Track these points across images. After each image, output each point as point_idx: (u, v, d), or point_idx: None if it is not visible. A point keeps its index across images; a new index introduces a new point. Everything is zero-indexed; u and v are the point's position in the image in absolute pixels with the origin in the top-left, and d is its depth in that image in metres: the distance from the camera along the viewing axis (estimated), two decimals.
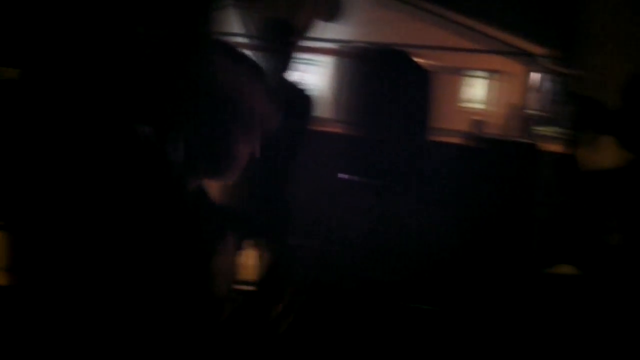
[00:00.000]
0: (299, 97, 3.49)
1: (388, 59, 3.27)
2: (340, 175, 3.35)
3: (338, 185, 3.41)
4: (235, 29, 4.30)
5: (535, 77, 15.51)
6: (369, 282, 3.04)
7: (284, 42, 3.47)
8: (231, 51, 2.82)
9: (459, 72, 15.19)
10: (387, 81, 3.18)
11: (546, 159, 4.79)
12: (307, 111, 3.49)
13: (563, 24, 5.26)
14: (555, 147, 4.99)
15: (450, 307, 3.06)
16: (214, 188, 3.34)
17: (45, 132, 2.04)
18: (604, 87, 4.02)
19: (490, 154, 4.71)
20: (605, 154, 3.91)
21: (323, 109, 3.51)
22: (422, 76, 3.21)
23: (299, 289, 3.30)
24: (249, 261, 3.55)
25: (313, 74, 11.59)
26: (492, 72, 14.73)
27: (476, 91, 15.13)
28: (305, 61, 11.71)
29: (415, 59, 3.25)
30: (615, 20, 4.09)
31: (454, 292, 3.11)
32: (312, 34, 4.44)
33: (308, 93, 3.48)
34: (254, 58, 3.30)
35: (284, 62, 3.48)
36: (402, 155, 3.14)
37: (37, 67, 2.07)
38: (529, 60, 14.73)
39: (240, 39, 4.21)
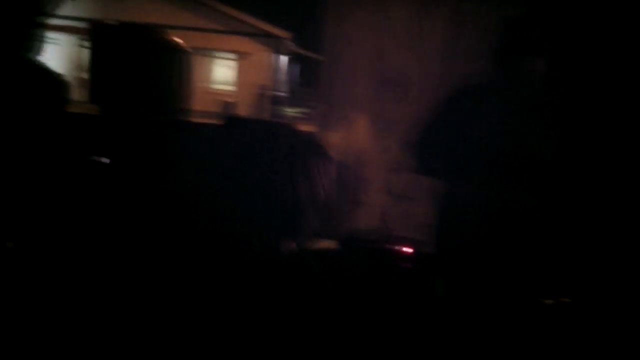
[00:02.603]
0: (48, 79, 3.26)
1: (139, 35, 3.17)
2: (94, 157, 3.21)
3: (91, 167, 3.28)
4: None
5: (279, 59, 15.96)
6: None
7: (27, 19, 3.21)
8: None
9: (207, 53, 15.18)
10: (137, 58, 3.08)
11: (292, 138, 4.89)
12: (58, 93, 3.29)
13: (305, 9, 5.42)
14: (301, 127, 5.15)
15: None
16: None
17: None
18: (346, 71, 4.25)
19: (239, 134, 4.72)
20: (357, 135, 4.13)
21: (70, 90, 3.34)
22: (176, 53, 3.16)
23: None
24: None
25: (58, 53, 11.01)
26: (238, 54, 14.91)
27: (223, 72, 15.23)
28: (50, 40, 11.07)
29: (167, 36, 3.19)
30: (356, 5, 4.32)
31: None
32: (57, 11, 4.17)
33: (56, 74, 3.27)
34: None
35: (29, 41, 3.23)
36: (152, 134, 3.07)
37: None
38: (274, 43, 15.13)
39: None
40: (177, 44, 3.18)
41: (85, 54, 3.26)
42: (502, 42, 2.79)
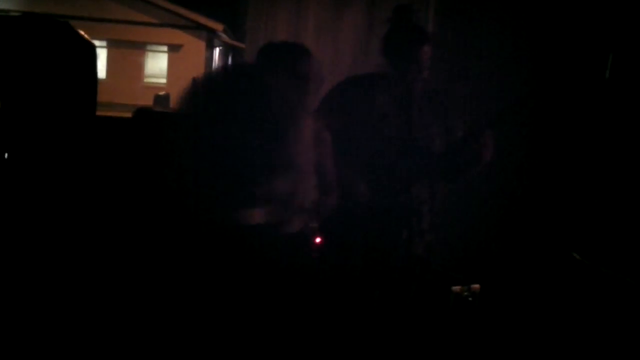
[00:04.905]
0: None
1: (41, 29, 3.09)
2: None
3: None
4: None
5: (214, 51, 15.85)
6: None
7: None
8: None
9: (140, 46, 14.94)
10: (39, 53, 3.01)
11: None
12: None
13: (234, 0, 5.41)
14: None
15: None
16: None
17: None
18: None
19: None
20: None
21: None
22: (84, 49, 3.09)
23: None
24: None
25: None
26: (173, 47, 14.75)
27: (158, 66, 15.03)
28: None
29: (76, 31, 3.13)
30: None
31: None
32: None
33: None
34: None
35: None
36: (63, 130, 3.02)
37: None
38: (206, 35, 14.99)
39: None
40: (83, 37, 3.14)
41: None
42: (391, 30, 2.78)
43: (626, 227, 3.05)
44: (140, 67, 14.48)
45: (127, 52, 13.74)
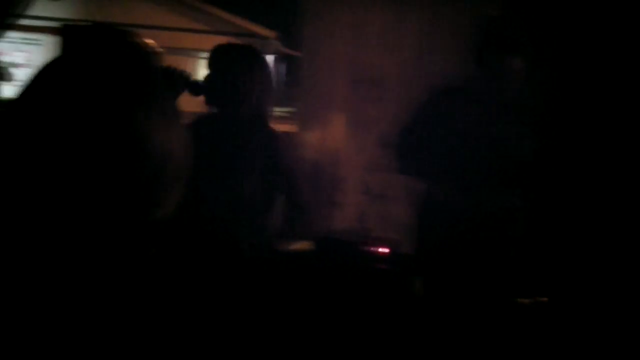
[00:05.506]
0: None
1: (103, 38, 3.11)
2: None
3: None
4: None
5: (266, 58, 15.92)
6: None
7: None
8: None
9: (191, 53, 15.07)
10: (100, 61, 3.01)
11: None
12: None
13: (287, 8, 5.40)
14: (287, 127, 5.13)
15: None
16: None
17: None
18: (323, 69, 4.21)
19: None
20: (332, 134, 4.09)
21: None
22: (142, 56, 3.08)
23: None
24: None
25: (35, 54, 10.88)
26: None
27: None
28: (26, 40, 10.96)
29: (133, 39, 3.13)
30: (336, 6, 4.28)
31: None
32: (33, 12, 4.12)
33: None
34: None
35: None
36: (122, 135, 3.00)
37: None
38: (259, 43, 15.06)
39: None
40: (147, 45, 3.12)
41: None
42: (481, 40, 2.77)
43: None
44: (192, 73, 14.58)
45: (181, 59, 13.88)
